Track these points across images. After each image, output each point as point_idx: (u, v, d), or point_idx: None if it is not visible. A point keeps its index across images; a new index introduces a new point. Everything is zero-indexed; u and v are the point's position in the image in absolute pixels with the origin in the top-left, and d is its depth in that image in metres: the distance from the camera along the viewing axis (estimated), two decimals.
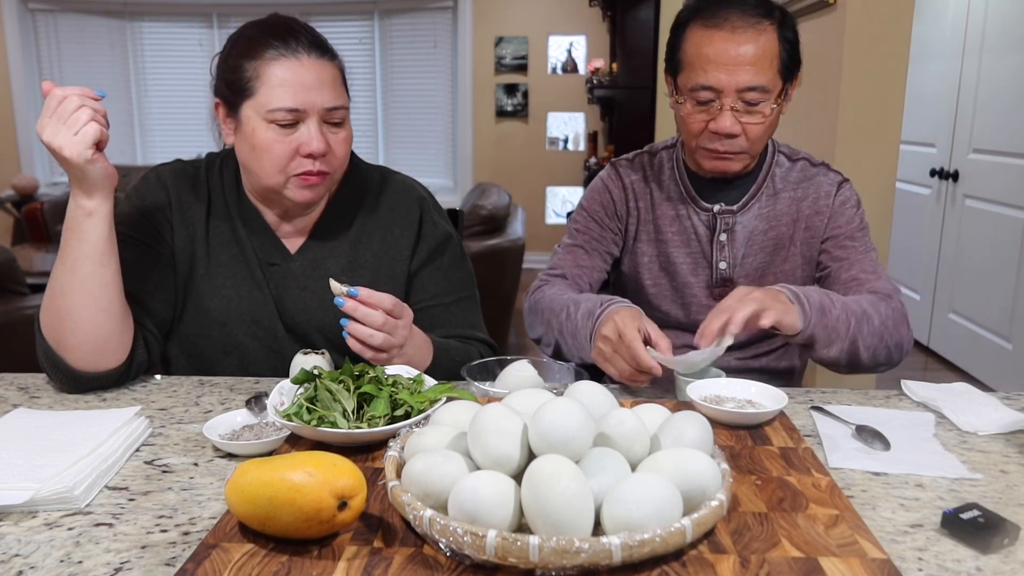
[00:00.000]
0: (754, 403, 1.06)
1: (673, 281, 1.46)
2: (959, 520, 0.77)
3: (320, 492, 0.69)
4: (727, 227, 1.41)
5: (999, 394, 1.19)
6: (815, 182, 1.42)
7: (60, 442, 0.94)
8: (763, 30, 1.26)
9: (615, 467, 0.73)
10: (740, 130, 1.29)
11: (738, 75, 1.25)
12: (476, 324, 1.38)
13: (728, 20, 1.26)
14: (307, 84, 1.17)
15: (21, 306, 2.54)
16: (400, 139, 6.59)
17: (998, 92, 3.49)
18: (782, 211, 1.41)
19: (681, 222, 1.44)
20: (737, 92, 1.26)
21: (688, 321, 1.46)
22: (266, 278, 1.29)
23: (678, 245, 1.44)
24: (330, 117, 1.20)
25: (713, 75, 1.26)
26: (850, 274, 1.37)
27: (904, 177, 4.17)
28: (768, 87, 1.27)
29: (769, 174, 1.42)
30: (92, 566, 0.72)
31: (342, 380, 0.96)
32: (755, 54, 1.25)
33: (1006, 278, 3.43)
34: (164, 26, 6.41)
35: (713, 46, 1.26)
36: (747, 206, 1.41)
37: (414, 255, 1.34)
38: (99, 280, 1.13)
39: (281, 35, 1.18)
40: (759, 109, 1.28)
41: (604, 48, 6.11)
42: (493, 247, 3.50)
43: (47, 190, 6.12)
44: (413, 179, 1.41)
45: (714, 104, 1.28)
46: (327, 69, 1.20)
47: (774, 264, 1.43)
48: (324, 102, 1.18)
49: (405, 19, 6.33)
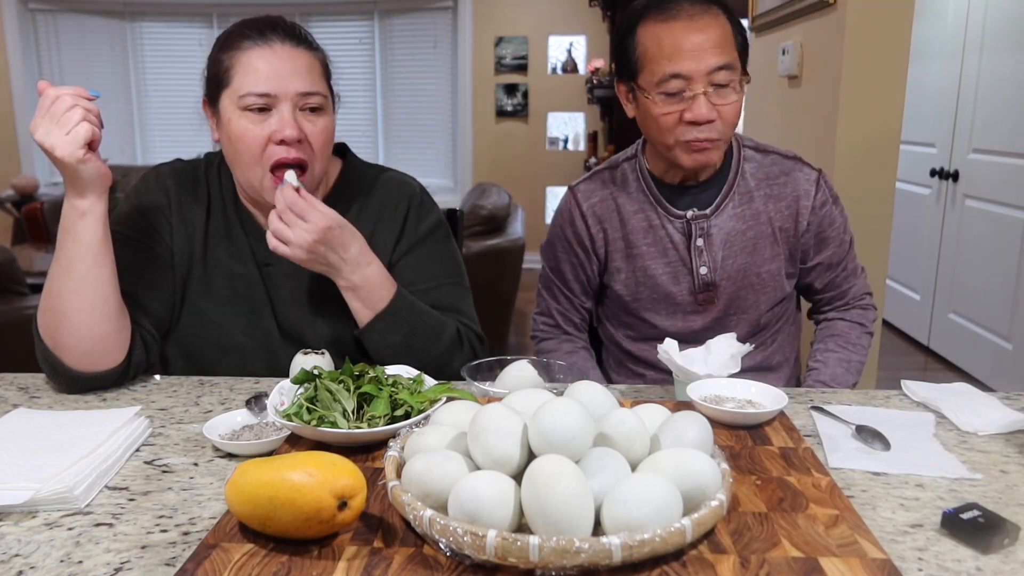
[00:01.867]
0: (754, 403, 1.06)
1: (654, 293, 1.44)
2: (959, 520, 0.77)
3: (320, 492, 0.69)
4: (703, 232, 1.39)
5: (999, 394, 1.19)
6: (792, 178, 1.41)
7: (60, 442, 0.94)
8: (716, 15, 1.29)
9: (615, 467, 0.73)
10: (716, 115, 1.28)
11: (705, 59, 1.25)
12: (462, 310, 1.33)
13: (682, 10, 1.27)
14: (279, 70, 1.17)
15: (21, 306, 2.54)
16: (400, 139, 6.59)
17: (998, 92, 3.49)
18: (758, 209, 1.40)
19: (655, 232, 1.41)
20: (707, 76, 1.26)
21: (676, 329, 1.44)
22: (262, 278, 1.29)
23: (654, 256, 1.42)
24: (305, 103, 1.19)
25: (680, 63, 1.26)
26: (836, 281, 1.49)
27: (904, 177, 4.17)
28: (734, 64, 1.28)
29: (739, 172, 1.41)
30: (92, 566, 0.72)
31: (342, 380, 0.96)
32: (715, 36, 1.27)
33: (1006, 278, 3.43)
34: (164, 26, 6.41)
35: (674, 36, 1.27)
36: (720, 208, 1.39)
37: (396, 247, 1.32)
38: (94, 281, 1.13)
39: (259, 28, 1.19)
40: (730, 88, 1.28)
41: (604, 48, 6.10)
42: (493, 247, 3.50)
43: (47, 190, 6.11)
44: (409, 176, 1.40)
45: (685, 93, 1.27)
46: (302, 56, 1.20)
47: (755, 264, 1.42)
48: (297, 87, 1.17)
49: (405, 19, 6.33)
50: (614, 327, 1.54)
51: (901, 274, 4.39)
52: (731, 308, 1.43)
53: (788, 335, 1.53)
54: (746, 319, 1.45)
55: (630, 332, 1.51)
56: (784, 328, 1.52)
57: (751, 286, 1.42)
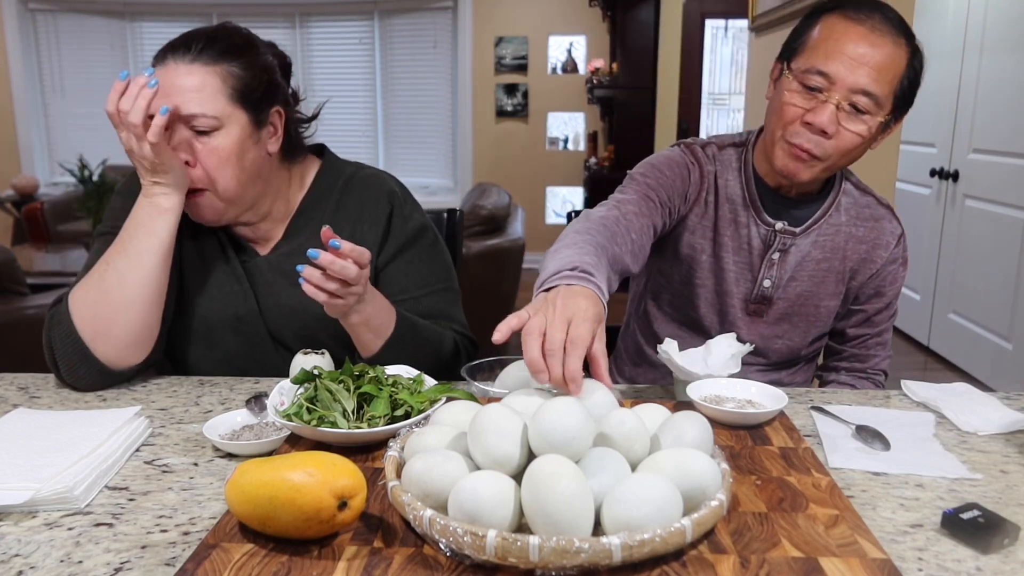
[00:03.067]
0: (754, 403, 1.06)
1: (718, 285, 1.40)
2: (959, 520, 0.77)
3: (320, 492, 0.69)
4: (783, 247, 1.36)
5: (999, 394, 1.19)
6: (879, 226, 1.38)
7: (60, 442, 0.94)
8: (899, 45, 1.21)
9: (615, 467, 0.73)
10: (833, 131, 1.21)
11: (858, 73, 1.19)
12: (453, 316, 1.33)
13: (871, 19, 1.21)
14: (168, 90, 1.14)
15: (21, 306, 2.53)
16: (400, 139, 6.59)
17: (998, 92, 3.49)
18: (839, 244, 1.37)
19: (739, 229, 1.37)
20: (849, 90, 1.19)
21: (718, 329, 1.40)
22: (246, 273, 1.29)
23: (730, 251, 1.38)
24: (193, 125, 1.16)
25: (834, 63, 1.19)
26: (868, 343, 1.45)
27: (904, 177, 4.17)
28: (881, 100, 1.20)
29: (835, 202, 1.37)
30: (92, 566, 0.72)
31: (342, 380, 0.96)
32: (882, 61, 1.19)
33: (1006, 278, 3.43)
34: (164, 26, 6.41)
35: (847, 36, 1.20)
36: (809, 230, 1.36)
37: (382, 250, 1.31)
38: (160, 276, 1.17)
39: (175, 43, 1.18)
40: (862, 119, 1.21)
41: (604, 48, 6.11)
42: (493, 247, 3.50)
43: (47, 190, 6.12)
44: (386, 173, 1.38)
45: (820, 95, 1.20)
46: (195, 76, 1.15)
47: (817, 296, 1.38)
48: (183, 108, 1.14)
49: (405, 19, 6.33)
50: (656, 305, 1.48)
51: None
52: (778, 329, 1.41)
53: (806, 373, 1.51)
54: (788, 346, 1.42)
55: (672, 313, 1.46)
56: (809, 368, 1.51)
57: (806, 315, 1.40)
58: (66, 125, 6.51)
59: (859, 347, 1.45)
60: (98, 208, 4.40)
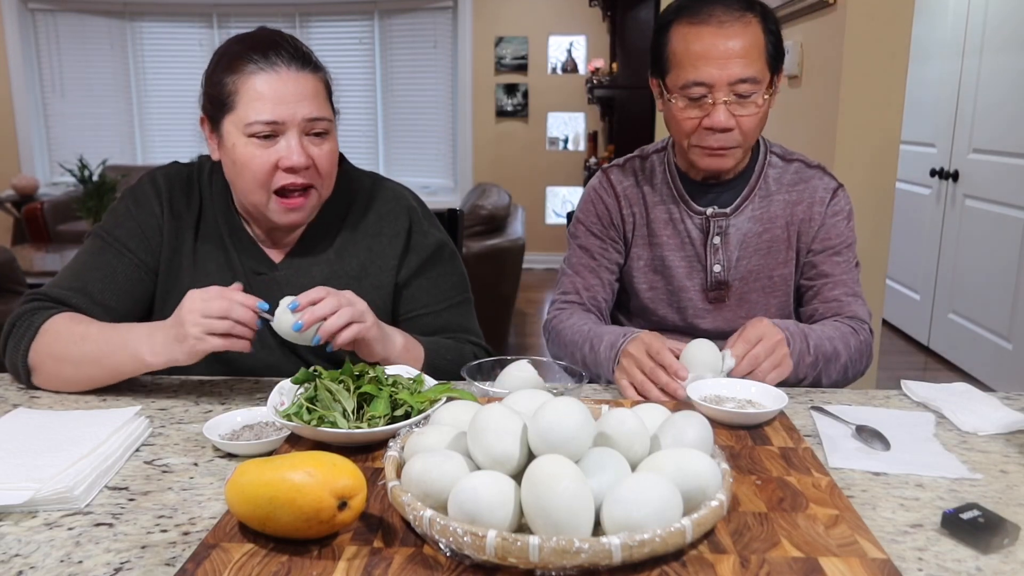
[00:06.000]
0: (754, 403, 1.06)
1: (669, 284, 1.45)
2: (959, 520, 0.77)
3: (320, 492, 0.69)
4: (720, 230, 1.41)
5: (999, 394, 1.19)
6: (810, 185, 1.42)
7: (60, 442, 0.94)
8: (748, 23, 1.27)
9: (615, 467, 0.73)
10: (734, 124, 1.29)
11: (729, 68, 1.25)
12: (469, 328, 1.37)
13: (713, 15, 1.27)
14: (285, 96, 1.15)
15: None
16: (400, 139, 6.59)
17: (998, 92, 3.49)
18: (776, 213, 1.41)
19: (675, 225, 1.43)
20: (729, 85, 1.26)
21: (684, 325, 1.46)
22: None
23: (673, 248, 1.44)
24: (311, 128, 1.18)
25: (704, 70, 1.26)
26: (833, 294, 1.41)
27: (904, 177, 4.17)
28: (758, 78, 1.28)
29: (762, 175, 1.42)
30: (92, 566, 0.72)
31: (342, 380, 0.96)
32: (743, 46, 1.26)
33: (1006, 278, 3.43)
34: (164, 26, 6.41)
35: (701, 41, 1.27)
36: (740, 208, 1.41)
37: (402, 265, 1.32)
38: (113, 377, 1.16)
39: (262, 49, 1.17)
40: (751, 100, 1.28)
41: (604, 48, 6.11)
42: (493, 247, 3.50)
43: (47, 190, 6.11)
44: (404, 187, 1.39)
45: (706, 99, 1.28)
46: (308, 81, 1.18)
47: (768, 267, 1.42)
48: (304, 113, 1.16)
49: (405, 19, 6.33)
50: (627, 317, 1.55)
51: (901, 274, 4.39)
52: (741, 310, 1.44)
53: None
54: None
55: (640, 322, 1.52)
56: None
57: (762, 288, 1.43)
58: (66, 125, 6.50)
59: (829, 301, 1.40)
60: (98, 208, 4.40)
